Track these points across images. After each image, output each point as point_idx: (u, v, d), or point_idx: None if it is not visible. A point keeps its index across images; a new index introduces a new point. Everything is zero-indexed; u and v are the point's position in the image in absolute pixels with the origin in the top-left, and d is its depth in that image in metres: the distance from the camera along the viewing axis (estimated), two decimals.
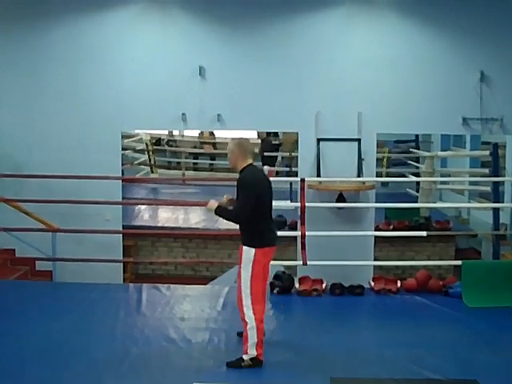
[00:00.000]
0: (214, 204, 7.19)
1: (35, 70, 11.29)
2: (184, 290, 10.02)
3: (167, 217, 15.26)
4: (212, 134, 21.00)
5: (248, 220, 7.07)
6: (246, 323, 7.06)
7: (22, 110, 11.39)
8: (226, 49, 11.01)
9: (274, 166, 17.67)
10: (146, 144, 19.21)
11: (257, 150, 16.83)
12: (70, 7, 11.14)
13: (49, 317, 8.54)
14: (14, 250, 11.29)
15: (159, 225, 14.64)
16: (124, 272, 11.67)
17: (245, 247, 7.13)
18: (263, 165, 16.31)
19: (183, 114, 10.97)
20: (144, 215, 15.56)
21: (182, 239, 13.71)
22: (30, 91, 11.35)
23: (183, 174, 19.29)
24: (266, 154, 17.83)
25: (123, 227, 11.68)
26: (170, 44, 11.11)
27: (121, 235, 11.40)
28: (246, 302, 7.07)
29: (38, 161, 11.18)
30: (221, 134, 19.77)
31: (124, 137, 13.96)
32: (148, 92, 11.11)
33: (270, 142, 17.82)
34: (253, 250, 7.07)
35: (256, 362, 7.09)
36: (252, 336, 7.03)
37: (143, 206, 16.15)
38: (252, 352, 7.06)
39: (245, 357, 7.09)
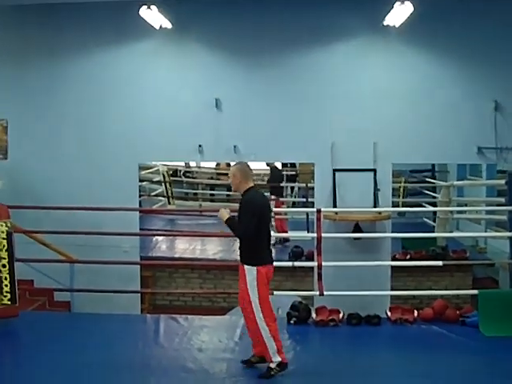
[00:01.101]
0: (225, 214, 7.48)
1: (54, 103, 11.51)
2: (201, 320, 10.01)
3: (184, 248, 15.30)
4: (229, 165, 21.01)
5: (251, 239, 7.37)
6: (261, 335, 7.41)
7: (42, 143, 11.58)
8: (241, 81, 11.15)
9: (281, 195, 17.60)
10: (163, 175, 19.30)
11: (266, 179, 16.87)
12: (89, 41, 11.37)
13: (66, 348, 8.55)
14: (32, 280, 11.37)
15: (176, 256, 14.67)
16: (142, 303, 11.71)
17: (246, 266, 7.42)
18: (271, 194, 16.35)
19: (200, 146, 11.09)
20: (161, 246, 15.59)
21: (199, 270, 13.74)
22: (49, 124, 11.57)
23: (200, 205, 19.33)
24: (274, 183, 17.78)
25: (141, 258, 11.74)
26: (186, 77, 11.26)
27: (138, 266, 11.47)
28: (258, 314, 7.40)
29: (57, 193, 11.33)
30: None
31: (141, 168, 14.06)
32: (165, 124, 11.25)
33: (277, 172, 17.81)
34: (254, 269, 7.37)
35: (282, 366, 7.55)
36: (271, 345, 7.43)
37: (160, 237, 16.19)
38: (276, 359, 7.47)
39: (272, 365, 7.50)
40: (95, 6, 10.20)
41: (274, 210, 13.64)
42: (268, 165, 16.88)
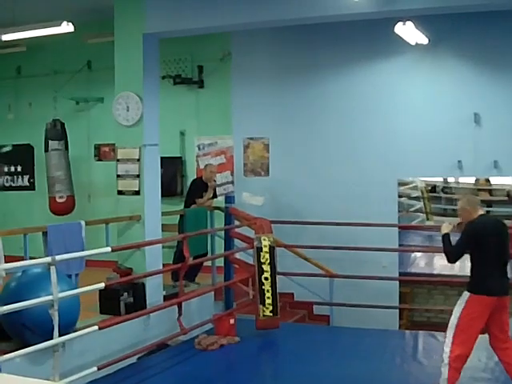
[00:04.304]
0: (444, 228, 7.45)
1: (312, 120, 11.94)
2: None
3: (443, 264, 15.02)
4: (488, 180, 20.52)
5: (471, 265, 7.13)
6: (442, 359, 6.98)
7: (300, 160, 11.98)
8: (501, 94, 10.90)
9: None
10: (421, 191, 19.18)
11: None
12: (344, 58, 11.69)
13: (324, 360, 8.76)
14: (292, 293, 11.76)
15: (435, 272, 14.50)
16: (400, 319, 11.70)
17: (465, 290, 7.08)
18: None
19: (459, 162, 10.94)
20: (420, 262, 15.47)
21: (458, 287, 13.47)
22: (307, 141, 11.95)
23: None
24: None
25: (399, 274, 11.75)
26: (443, 91, 11.19)
27: (397, 282, 11.48)
28: (448, 338, 7.03)
29: (314, 208, 11.67)
30: (496, 181, 19.31)
31: (399, 184, 14.11)
32: (423, 139, 11.24)
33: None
34: (467, 294, 7.00)
35: None
36: (443, 372, 6.91)
37: (419, 253, 16.06)
38: None
39: None
40: (350, 25, 10.35)
41: None
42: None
